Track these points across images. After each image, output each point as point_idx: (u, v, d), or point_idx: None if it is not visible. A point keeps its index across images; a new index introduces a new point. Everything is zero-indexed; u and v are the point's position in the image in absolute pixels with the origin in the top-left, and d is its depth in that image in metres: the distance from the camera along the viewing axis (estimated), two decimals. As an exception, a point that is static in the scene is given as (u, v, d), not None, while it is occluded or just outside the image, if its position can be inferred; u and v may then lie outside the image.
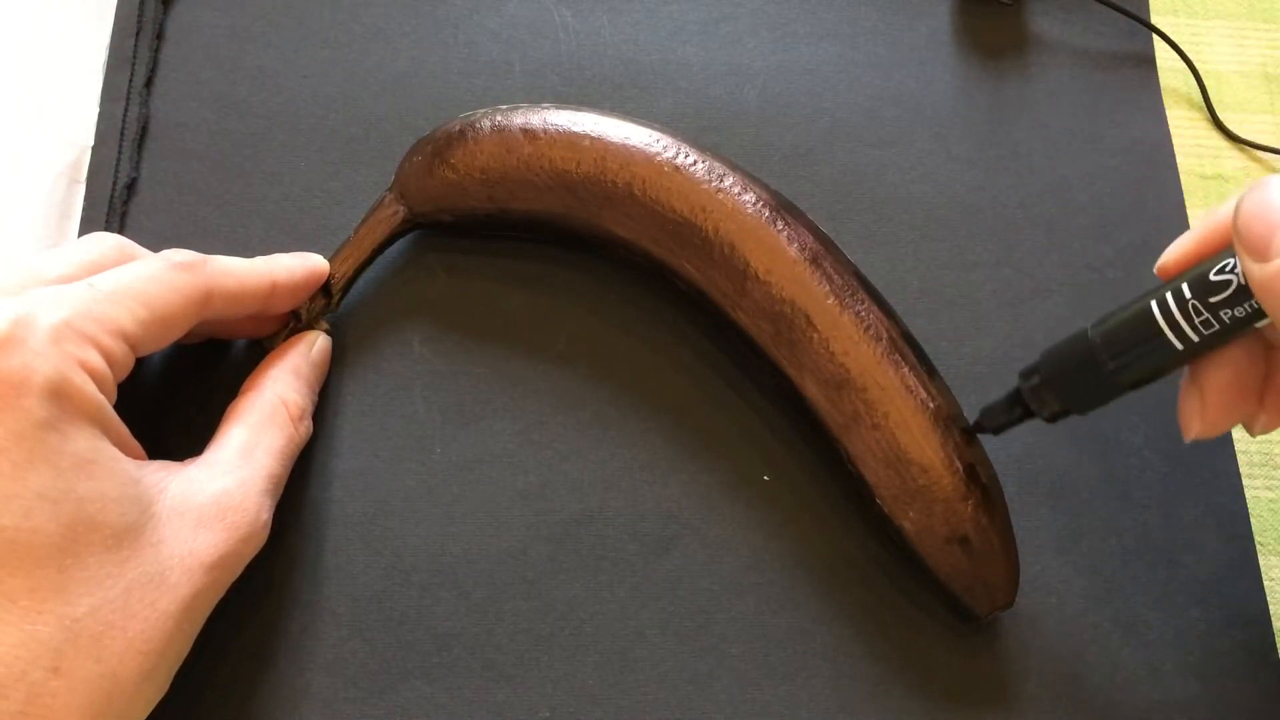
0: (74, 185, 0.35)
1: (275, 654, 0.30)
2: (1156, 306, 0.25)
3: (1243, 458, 0.34)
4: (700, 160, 0.32)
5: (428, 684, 0.30)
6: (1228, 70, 0.40)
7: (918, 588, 0.31)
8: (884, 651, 0.31)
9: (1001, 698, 0.30)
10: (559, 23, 0.38)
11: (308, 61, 0.37)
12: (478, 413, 0.33)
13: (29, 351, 0.23)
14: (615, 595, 0.31)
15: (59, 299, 0.25)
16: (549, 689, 0.30)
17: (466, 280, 0.34)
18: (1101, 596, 0.31)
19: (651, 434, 0.33)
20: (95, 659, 0.23)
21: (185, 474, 0.26)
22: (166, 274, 0.27)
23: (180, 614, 0.25)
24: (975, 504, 0.29)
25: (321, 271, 0.32)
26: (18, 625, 0.22)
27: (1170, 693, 0.30)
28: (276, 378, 0.30)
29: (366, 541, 0.31)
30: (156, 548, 0.25)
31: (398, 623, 0.30)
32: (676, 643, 0.31)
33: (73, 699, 0.23)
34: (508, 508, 0.32)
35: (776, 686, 0.30)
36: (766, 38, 0.38)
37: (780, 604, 0.31)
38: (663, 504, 0.32)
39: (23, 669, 0.22)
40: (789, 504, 0.32)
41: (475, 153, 0.32)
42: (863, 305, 0.30)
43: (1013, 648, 0.31)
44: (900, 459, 0.29)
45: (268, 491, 0.28)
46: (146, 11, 0.37)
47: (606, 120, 0.32)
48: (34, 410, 0.23)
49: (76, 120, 0.35)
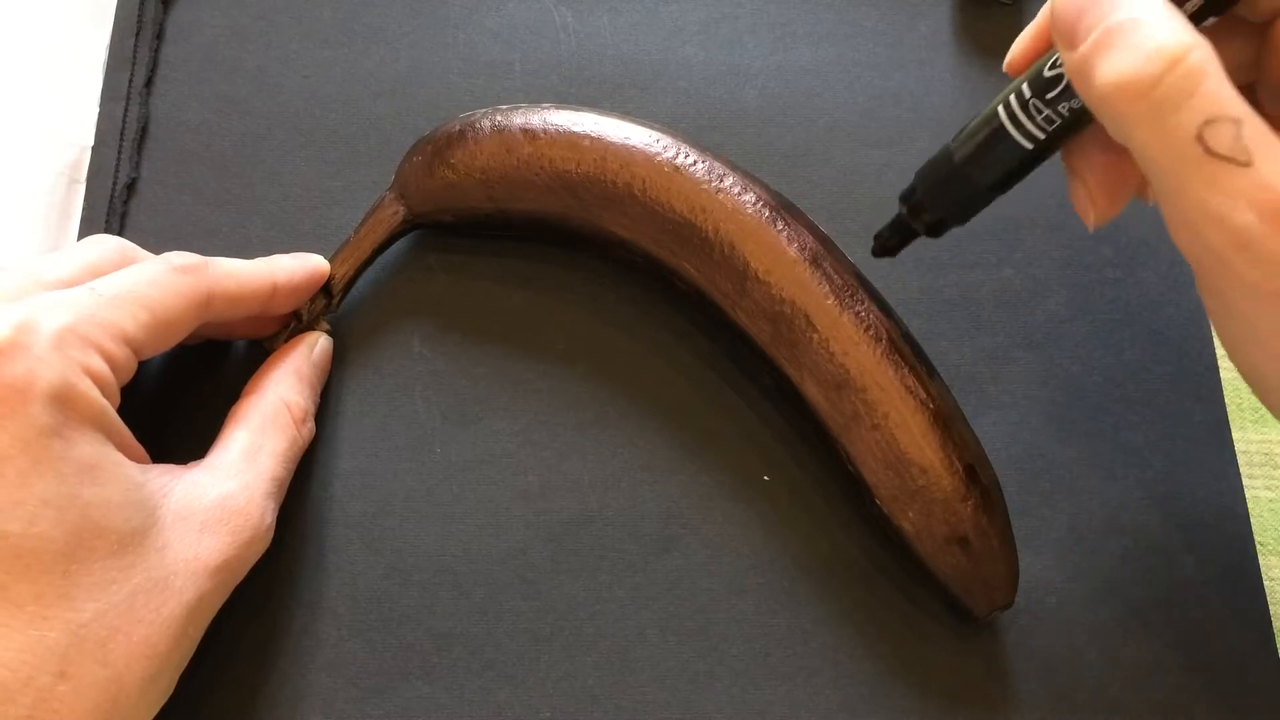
0: (74, 185, 0.35)
1: (276, 654, 0.30)
2: (1002, 109, 0.25)
3: (1243, 458, 0.34)
4: (700, 160, 0.32)
5: (428, 684, 0.30)
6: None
7: (918, 588, 0.31)
8: (884, 651, 0.31)
9: (1001, 698, 0.30)
10: (559, 23, 0.38)
11: (308, 61, 0.37)
12: (478, 413, 0.33)
13: (32, 358, 0.23)
14: (615, 595, 0.31)
15: (61, 304, 0.25)
16: (549, 689, 0.30)
17: (466, 280, 0.34)
18: (1101, 596, 0.31)
19: (651, 434, 0.33)
20: (101, 663, 0.23)
21: (189, 478, 0.26)
22: (168, 277, 0.27)
23: (185, 618, 0.25)
24: (975, 504, 0.29)
25: (322, 272, 0.32)
26: (24, 631, 0.22)
27: (1170, 693, 0.31)
28: (279, 380, 0.30)
29: (366, 541, 0.31)
30: (161, 552, 0.25)
31: (398, 623, 0.30)
32: (676, 643, 0.31)
33: (79, 703, 0.23)
34: (508, 508, 0.32)
35: (776, 686, 0.30)
36: (766, 38, 0.38)
37: (780, 604, 0.31)
38: (663, 504, 0.32)
39: (29, 674, 0.22)
40: (789, 504, 0.32)
41: (475, 153, 0.32)
42: (863, 305, 0.30)
43: (1013, 648, 0.31)
44: (900, 459, 0.29)
45: (271, 494, 0.28)
46: (146, 11, 0.37)
47: (606, 120, 0.32)
48: (38, 416, 0.23)
49: (76, 120, 0.35)
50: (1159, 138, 0.21)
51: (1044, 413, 0.33)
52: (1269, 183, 0.20)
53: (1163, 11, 0.21)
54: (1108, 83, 0.21)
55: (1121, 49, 0.21)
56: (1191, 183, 0.21)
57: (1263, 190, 0.20)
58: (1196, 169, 0.21)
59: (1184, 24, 0.21)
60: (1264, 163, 0.20)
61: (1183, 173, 0.21)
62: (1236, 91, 0.21)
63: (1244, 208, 0.21)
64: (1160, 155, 0.21)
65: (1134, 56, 0.21)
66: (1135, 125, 0.21)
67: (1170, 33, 0.20)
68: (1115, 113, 0.21)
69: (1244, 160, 0.20)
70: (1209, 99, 0.20)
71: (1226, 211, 0.21)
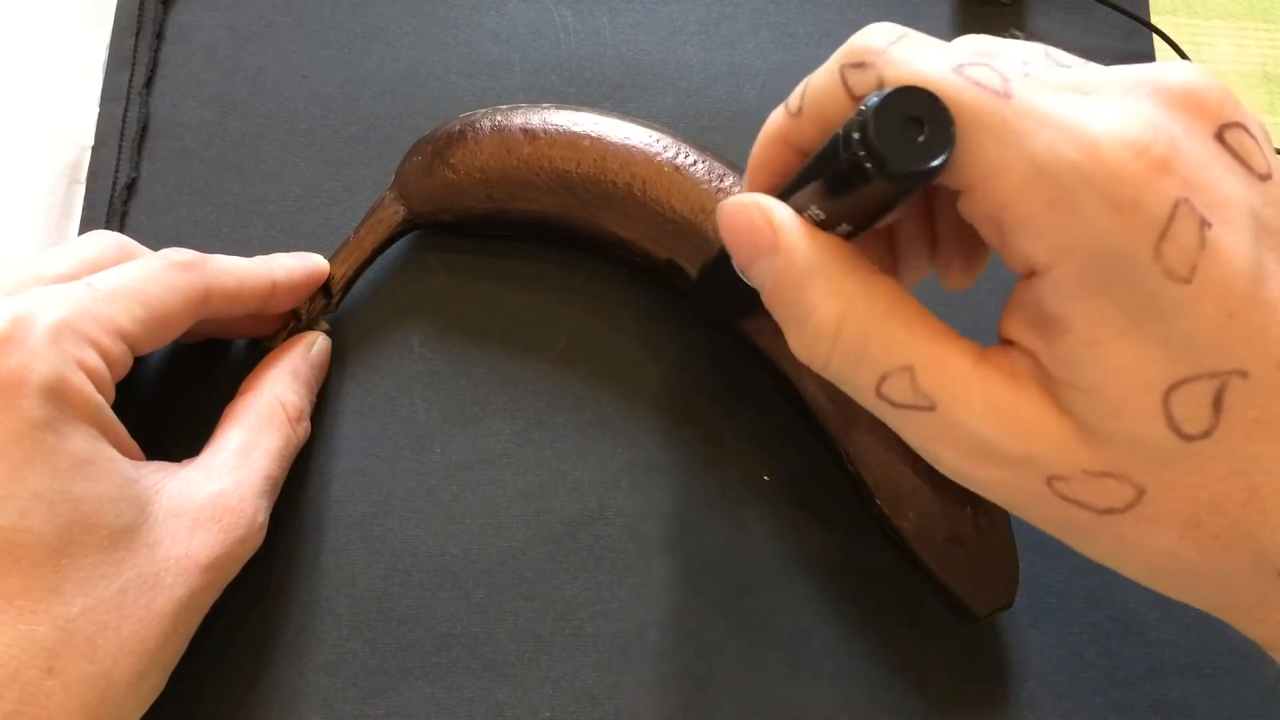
0: (74, 185, 0.35)
1: (274, 654, 0.30)
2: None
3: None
4: (700, 160, 0.32)
5: (428, 684, 0.30)
6: (1228, 70, 0.40)
7: (918, 588, 0.31)
8: (884, 651, 0.31)
9: (1001, 698, 0.30)
10: (559, 23, 0.38)
11: (308, 61, 0.37)
12: (478, 413, 0.33)
13: (27, 351, 0.23)
14: (615, 595, 0.31)
15: (58, 298, 0.25)
16: (549, 689, 0.30)
17: (466, 280, 0.34)
18: (1101, 596, 0.31)
19: (651, 434, 0.33)
20: (89, 659, 0.23)
21: (182, 475, 0.26)
22: (165, 273, 0.27)
23: (175, 614, 0.25)
24: (975, 504, 0.29)
25: (321, 271, 0.32)
26: (12, 625, 0.22)
27: (1170, 693, 0.30)
28: (275, 379, 0.30)
29: (366, 541, 0.31)
30: (152, 549, 0.25)
31: (398, 623, 0.30)
32: (676, 643, 0.31)
33: (67, 699, 0.23)
34: (508, 508, 0.32)
35: (776, 686, 0.30)
36: (766, 38, 0.38)
37: (780, 604, 0.31)
38: (663, 504, 0.32)
39: (17, 669, 0.22)
40: (789, 504, 0.32)
41: (475, 153, 0.32)
42: (863, 305, 0.30)
43: (1013, 648, 0.31)
44: (900, 459, 0.29)
45: (265, 493, 0.28)
46: (146, 11, 0.37)
47: (606, 120, 0.32)
48: (31, 410, 0.23)
49: (76, 120, 0.35)
50: (855, 394, 0.22)
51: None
52: (957, 421, 0.20)
53: (812, 262, 0.21)
54: (796, 355, 0.22)
55: (788, 324, 0.22)
56: (900, 430, 0.21)
57: (952, 430, 0.20)
58: (894, 418, 0.21)
59: (838, 267, 0.21)
60: (945, 404, 0.20)
61: (890, 422, 0.21)
62: (911, 325, 0.21)
63: (946, 450, 0.21)
64: (868, 409, 0.22)
65: (800, 337, 0.21)
66: (838, 386, 0.22)
67: (824, 303, 0.20)
68: None
69: (927, 405, 0.20)
70: (877, 355, 0.20)
71: (934, 454, 0.21)
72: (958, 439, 0.20)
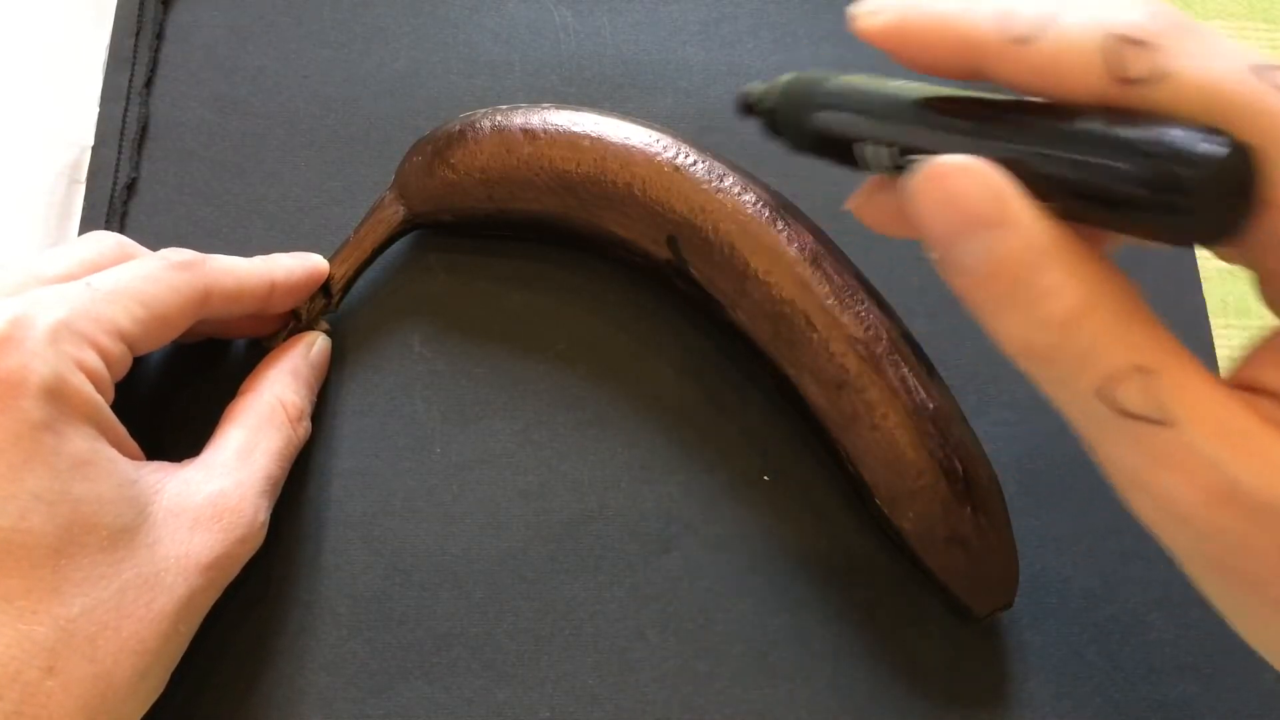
0: (74, 185, 0.35)
1: (274, 654, 0.30)
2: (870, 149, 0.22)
3: (1243, 458, 0.33)
4: (700, 160, 0.32)
5: (428, 684, 0.30)
6: (1228, 70, 0.40)
7: (918, 588, 0.31)
8: (884, 651, 0.31)
9: (1001, 698, 0.30)
10: (559, 23, 0.38)
11: (308, 61, 0.37)
12: (478, 413, 0.33)
13: (26, 352, 0.23)
14: (615, 595, 0.31)
15: (57, 299, 0.25)
16: (549, 689, 0.30)
17: (466, 280, 0.34)
18: (1101, 596, 0.31)
19: (651, 434, 0.33)
20: (89, 659, 0.23)
21: (182, 475, 0.26)
22: (165, 273, 0.27)
23: (175, 614, 0.25)
24: (974, 504, 0.29)
25: (321, 271, 0.32)
26: (12, 625, 0.22)
27: (1170, 693, 0.30)
28: (275, 379, 0.30)
29: (366, 541, 0.31)
30: (152, 549, 0.25)
31: (398, 623, 0.30)
32: (676, 643, 0.31)
33: (67, 699, 0.23)
34: (508, 508, 0.32)
35: (776, 686, 0.30)
36: (766, 38, 0.38)
37: (780, 604, 0.31)
38: (663, 504, 0.32)
39: (17, 669, 0.22)
40: (789, 504, 0.32)
41: (475, 153, 0.32)
42: (862, 305, 0.30)
43: (1013, 648, 0.31)
44: (900, 459, 0.29)
45: (265, 493, 0.28)
46: (146, 11, 0.37)
47: (606, 120, 0.32)
48: (31, 411, 0.23)
49: (76, 120, 0.35)
50: (1066, 396, 0.18)
51: (1044, 413, 0.33)
52: (1197, 447, 0.17)
53: (1050, 242, 0.17)
54: (998, 340, 0.18)
55: (1004, 309, 0.18)
56: (1113, 445, 0.18)
57: (1189, 456, 0.17)
58: (1111, 430, 0.18)
59: (1073, 251, 0.17)
60: (1186, 424, 0.17)
61: (1102, 434, 0.18)
62: (1152, 328, 0.18)
63: (1175, 479, 0.17)
64: (1072, 414, 0.19)
65: (1022, 324, 0.18)
66: (1039, 381, 0.19)
67: (1065, 286, 0.17)
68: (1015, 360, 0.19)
69: (1163, 419, 0.17)
70: (1116, 354, 0.17)
71: (1156, 483, 0.18)
72: (1194, 468, 0.17)
